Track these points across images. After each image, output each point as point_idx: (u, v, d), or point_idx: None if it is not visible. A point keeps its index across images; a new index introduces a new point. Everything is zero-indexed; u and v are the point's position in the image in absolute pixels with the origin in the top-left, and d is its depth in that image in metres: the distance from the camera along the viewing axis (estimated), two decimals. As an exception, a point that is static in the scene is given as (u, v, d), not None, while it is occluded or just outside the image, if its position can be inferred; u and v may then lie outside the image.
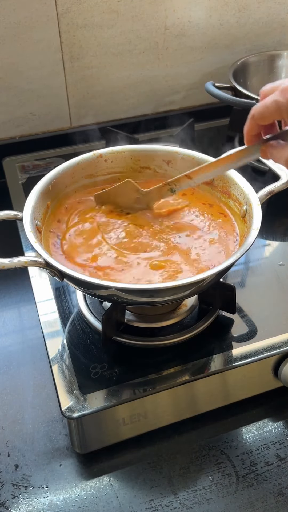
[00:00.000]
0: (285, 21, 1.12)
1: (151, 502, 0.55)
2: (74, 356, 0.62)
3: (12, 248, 0.82)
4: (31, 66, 0.97)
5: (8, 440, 0.61)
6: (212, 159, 0.69)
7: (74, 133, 1.03)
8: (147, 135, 1.04)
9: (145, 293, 0.54)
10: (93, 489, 0.56)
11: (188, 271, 0.58)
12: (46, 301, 0.70)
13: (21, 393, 0.65)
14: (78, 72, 1.01)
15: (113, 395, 0.57)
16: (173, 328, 0.64)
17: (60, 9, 0.93)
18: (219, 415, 0.63)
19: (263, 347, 0.63)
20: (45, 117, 1.04)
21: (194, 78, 1.12)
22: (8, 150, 1.02)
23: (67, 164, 0.69)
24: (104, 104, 1.07)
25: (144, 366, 0.60)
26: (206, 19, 1.05)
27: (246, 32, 1.10)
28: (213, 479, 0.57)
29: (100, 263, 0.59)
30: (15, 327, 0.74)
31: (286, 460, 0.59)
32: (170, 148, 0.73)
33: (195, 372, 0.60)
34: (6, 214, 0.62)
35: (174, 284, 0.51)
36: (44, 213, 0.65)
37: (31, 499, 0.56)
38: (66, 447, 0.60)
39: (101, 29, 0.98)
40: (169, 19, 1.02)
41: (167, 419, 0.61)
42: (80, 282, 0.55)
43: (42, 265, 0.55)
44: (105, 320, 0.59)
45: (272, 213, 0.62)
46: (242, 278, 0.74)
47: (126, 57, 1.03)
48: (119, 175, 0.73)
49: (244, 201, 0.64)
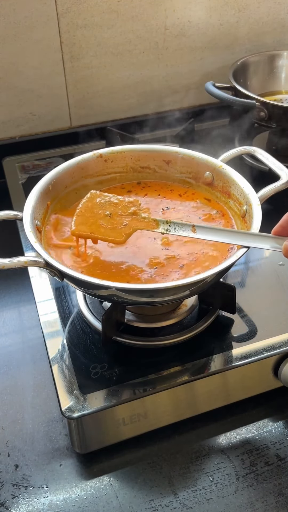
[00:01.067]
0: (285, 21, 1.12)
1: (151, 502, 0.55)
2: (74, 356, 0.62)
3: (12, 248, 0.81)
4: (31, 66, 0.97)
5: (8, 440, 0.61)
6: (213, 159, 0.69)
7: (74, 133, 1.03)
8: (147, 135, 1.04)
9: (145, 293, 0.54)
10: (93, 489, 0.56)
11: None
12: (46, 301, 0.70)
13: (21, 393, 0.65)
14: (78, 72, 1.01)
15: (113, 395, 0.57)
16: (173, 328, 0.64)
17: (60, 9, 0.93)
18: (219, 415, 0.63)
19: (263, 347, 0.63)
20: (45, 117, 1.04)
21: (194, 78, 1.12)
22: (8, 150, 1.02)
23: (67, 164, 0.69)
24: (104, 104, 1.07)
25: (144, 366, 0.60)
26: (206, 19, 1.05)
27: (246, 32, 1.10)
28: (213, 479, 0.57)
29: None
30: (15, 327, 0.74)
31: (286, 460, 0.59)
32: (170, 148, 0.73)
33: (195, 372, 0.60)
34: (6, 214, 0.62)
35: (174, 284, 0.51)
36: (44, 213, 0.65)
37: (31, 499, 0.56)
38: (66, 447, 0.60)
39: (101, 29, 0.98)
40: (169, 19, 1.02)
41: (167, 419, 0.61)
42: (80, 282, 0.55)
43: (42, 265, 0.55)
44: (105, 320, 0.59)
45: (272, 213, 0.61)
46: (242, 278, 0.74)
47: (126, 57, 1.03)
48: (119, 175, 0.73)
49: (244, 201, 0.64)
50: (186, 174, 0.72)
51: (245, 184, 0.65)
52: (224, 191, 0.68)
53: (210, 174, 0.70)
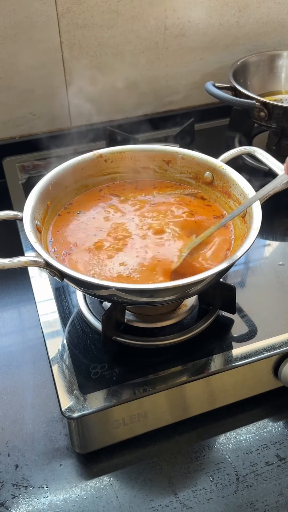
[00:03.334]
0: (285, 21, 1.12)
1: (151, 502, 0.55)
2: (74, 356, 0.62)
3: (12, 248, 0.82)
4: (31, 66, 0.97)
5: (8, 440, 0.61)
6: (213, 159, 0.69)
7: (74, 133, 1.03)
8: (147, 135, 1.04)
9: (145, 293, 0.54)
10: (93, 489, 0.56)
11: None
12: (46, 301, 0.70)
13: (21, 393, 0.65)
14: (78, 72, 1.01)
15: (113, 395, 0.57)
16: (173, 328, 0.64)
17: (60, 9, 0.93)
18: (219, 415, 0.63)
19: (263, 347, 0.63)
20: (45, 117, 1.04)
21: (194, 78, 1.12)
22: (8, 150, 1.02)
23: (67, 164, 0.69)
24: (104, 104, 1.07)
25: (144, 366, 0.60)
26: (206, 19, 1.05)
27: (246, 32, 1.10)
28: (213, 479, 0.57)
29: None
30: (15, 327, 0.74)
31: (286, 460, 0.59)
32: (170, 148, 0.73)
33: (195, 372, 0.60)
34: (6, 214, 0.62)
35: (174, 284, 0.51)
36: (44, 213, 0.65)
37: (31, 499, 0.56)
38: (66, 447, 0.60)
39: (101, 29, 0.98)
40: (169, 19, 1.02)
41: (167, 419, 0.61)
42: (80, 282, 0.55)
43: (42, 265, 0.55)
44: (105, 320, 0.59)
45: (272, 213, 0.62)
46: (242, 278, 0.74)
47: (126, 57, 1.03)
48: (119, 175, 0.73)
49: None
50: (186, 174, 0.72)
51: (245, 184, 0.65)
52: (224, 191, 0.68)
53: (210, 174, 0.70)
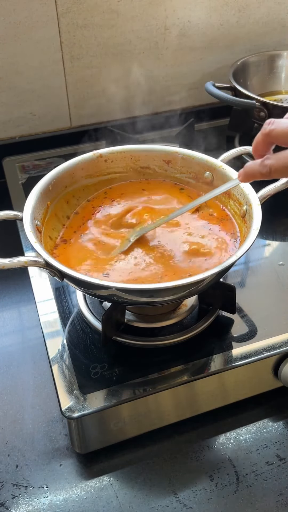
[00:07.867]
0: (285, 21, 1.12)
1: (151, 502, 0.55)
2: (74, 356, 0.62)
3: (12, 248, 0.82)
4: (31, 66, 0.97)
5: (8, 440, 0.61)
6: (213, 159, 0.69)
7: (74, 133, 1.03)
8: (147, 135, 1.04)
9: (145, 293, 0.54)
10: (93, 489, 0.56)
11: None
12: (46, 301, 0.70)
13: (21, 393, 0.65)
14: (78, 72, 1.01)
15: (113, 395, 0.57)
16: (173, 328, 0.64)
17: (60, 9, 0.93)
18: (219, 415, 0.63)
19: (263, 347, 0.63)
20: (45, 117, 1.04)
21: (194, 78, 1.12)
22: (8, 150, 1.02)
23: (67, 164, 0.69)
24: (104, 104, 1.07)
25: (144, 366, 0.60)
26: (206, 19, 1.05)
27: (246, 32, 1.10)
28: (213, 479, 0.57)
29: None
30: (15, 327, 0.74)
31: (286, 460, 0.59)
32: (170, 148, 0.73)
33: (195, 372, 0.60)
34: (6, 214, 0.62)
35: (174, 284, 0.51)
36: (44, 213, 0.65)
37: (31, 499, 0.56)
38: (66, 447, 0.60)
39: (101, 29, 0.98)
40: (169, 19, 1.02)
41: (167, 419, 0.61)
42: (80, 282, 0.55)
43: (42, 265, 0.55)
44: (105, 320, 0.59)
45: (272, 213, 0.62)
46: (242, 278, 0.74)
47: (126, 57, 1.03)
48: (119, 175, 0.73)
49: (244, 201, 0.64)
50: (186, 174, 0.72)
51: (245, 184, 0.65)
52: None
53: (210, 174, 0.70)
